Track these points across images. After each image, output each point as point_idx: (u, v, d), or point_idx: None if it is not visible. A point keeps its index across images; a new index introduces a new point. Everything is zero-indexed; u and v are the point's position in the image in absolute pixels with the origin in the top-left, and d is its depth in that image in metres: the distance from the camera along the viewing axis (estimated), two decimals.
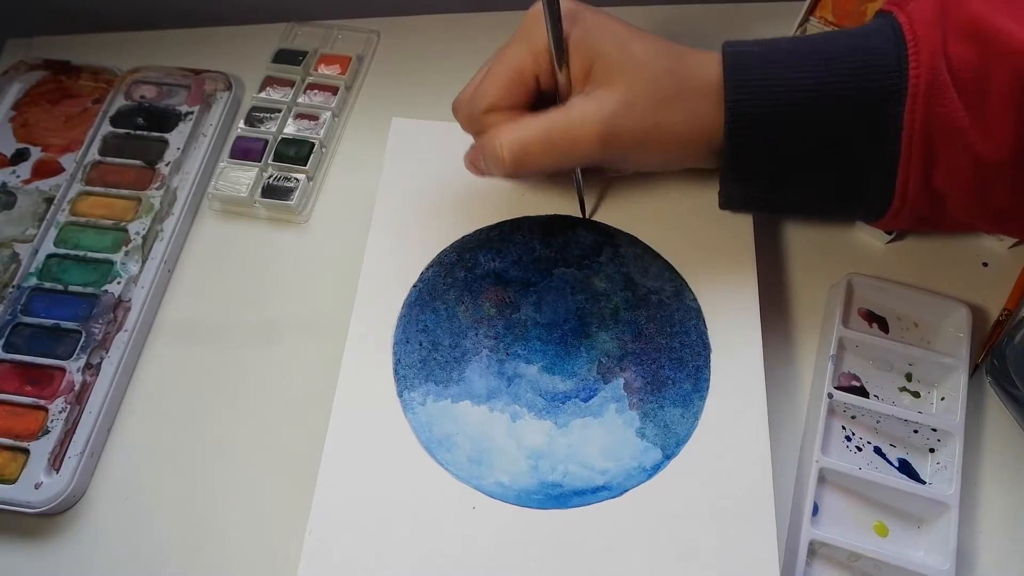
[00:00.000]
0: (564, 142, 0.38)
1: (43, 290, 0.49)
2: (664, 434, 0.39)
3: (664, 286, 0.43)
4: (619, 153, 0.39)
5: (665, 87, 0.38)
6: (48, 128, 0.56)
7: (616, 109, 0.37)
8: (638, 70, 0.38)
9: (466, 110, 0.40)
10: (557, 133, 0.38)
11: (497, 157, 0.38)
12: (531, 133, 0.38)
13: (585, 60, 0.38)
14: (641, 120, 0.38)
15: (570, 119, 0.38)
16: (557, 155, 0.38)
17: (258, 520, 0.44)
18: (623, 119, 0.37)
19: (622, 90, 0.37)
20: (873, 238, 0.49)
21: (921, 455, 0.43)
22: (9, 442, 0.44)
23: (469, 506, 0.38)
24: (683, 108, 0.38)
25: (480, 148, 0.40)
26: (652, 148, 0.39)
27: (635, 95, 0.37)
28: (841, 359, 0.45)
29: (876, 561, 0.39)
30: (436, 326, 0.42)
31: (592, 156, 0.38)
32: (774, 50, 0.38)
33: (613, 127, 0.37)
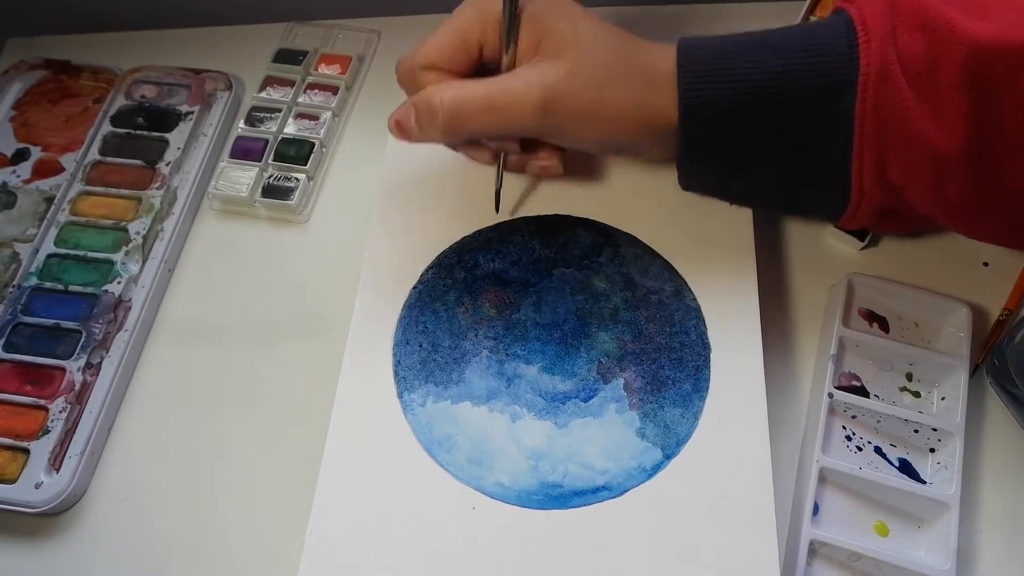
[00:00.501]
0: (504, 106, 0.37)
1: (43, 290, 0.49)
2: (664, 434, 0.39)
3: (664, 286, 0.43)
4: (558, 124, 0.38)
5: (612, 65, 0.38)
6: (48, 128, 0.56)
7: (560, 78, 0.37)
8: (587, 45, 0.38)
9: (406, 65, 0.40)
10: (498, 96, 0.37)
11: (432, 112, 0.38)
12: (471, 93, 0.38)
13: (534, 35, 0.38)
14: (584, 92, 0.37)
15: (512, 83, 0.38)
16: (495, 119, 0.38)
17: (258, 520, 0.43)
18: (566, 89, 0.37)
19: (568, 62, 0.37)
20: (847, 246, 0.49)
21: (921, 455, 0.43)
22: (9, 442, 0.44)
23: (469, 507, 0.37)
24: (630, 88, 0.38)
25: (414, 103, 0.39)
26: (592, 122, 0.39)
27: (580, 67, 0.37)
28: (841, 359, 0.45)
29: (876, 561, 0.39)
30: (436, 327, 0.42)
31: (531, 124, 0.38)
32: (727, 42, 0.38)
33: (554, 95, 0.37)
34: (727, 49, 0.38)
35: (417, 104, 0.38)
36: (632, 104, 0.38)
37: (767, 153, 0.39)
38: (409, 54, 0.40)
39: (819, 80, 0.36)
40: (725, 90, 0.37)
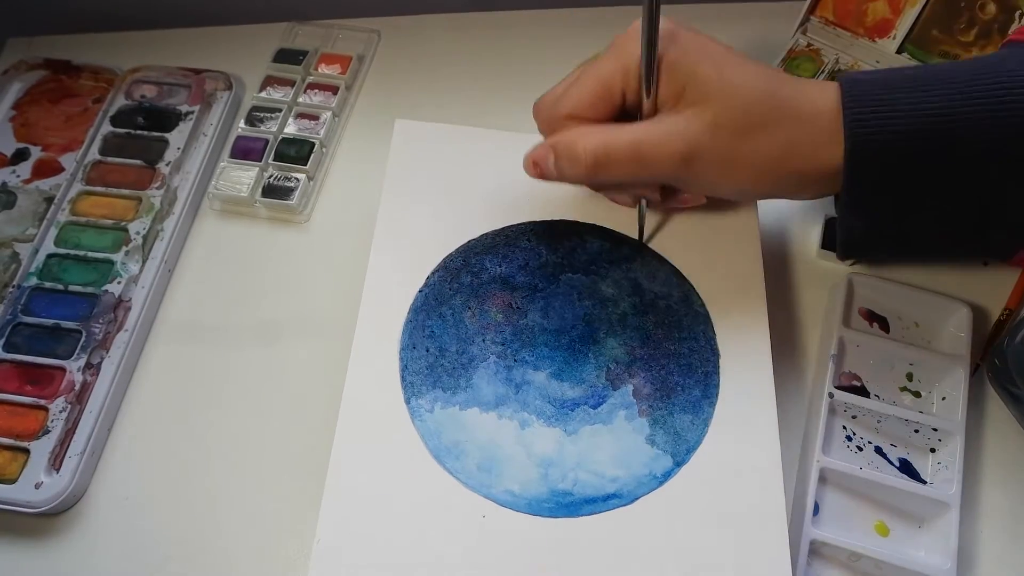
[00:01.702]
0: (646, 156, 0.36)
1: (43, 290, 0.48)
2: (674, 441, 0.38)
3: (672, 291, 0.42)
4: (700, 174, 0.37)
5: (760, 113, 0.35)
6: (48, 127, 0.54)
7: (703, 128, 0.35)
8: (732, 92, 0.35)
9: (547, 113, 0.38)
10: (642, 145, 0.36)
11: (576, 157, 0.36)
12: (614, 142, 0.36)
13: (678, 82, 0.35)
14: (727, 144, 0.35)
15: (657, 132, 0.36)
16: (637, 167, 0.36)
17: (258, 520, 0.42)
18: (709, 140, 0.35)
19: (712, 111, 0.35)
20: (837, 264, 0.48)
21: (922, 455, 0.42)
22: (9, 442, 0.43)
23: (479, 515, 0.36)
24: (779, 134, 0.35)
25: (555, 145, 0.37)
26: (735, 174, 0.37)
27: (724, 117, 0.35)
28: (842, 359, 0.44)
29: (877, 561, 0.39)
30: (443, 332, 0.40)
31: (671, 174, 0.37)
32: (894, 75, 0.36)
33: (698, 147, 0.35)
34: (894, 82, 0.35)
35: (558, 148, 0.37)
36: (780, 151, 0.36)
37: (942, 195, 0.36)
38: (550, 100, 0.38)
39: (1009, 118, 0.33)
40: (896, 123, 0.34)
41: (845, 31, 0.53)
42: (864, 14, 0.51)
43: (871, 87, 0.35)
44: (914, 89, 0.34)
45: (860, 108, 0.35)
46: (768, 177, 0.37)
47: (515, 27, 0.60)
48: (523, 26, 0.60)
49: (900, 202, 0.36)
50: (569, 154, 0.37)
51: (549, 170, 0.38)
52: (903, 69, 0.36)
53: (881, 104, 0.34)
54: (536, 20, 0.60)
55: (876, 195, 0.36)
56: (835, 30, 0.53)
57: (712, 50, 0.36)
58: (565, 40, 0.58)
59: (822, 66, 0.54)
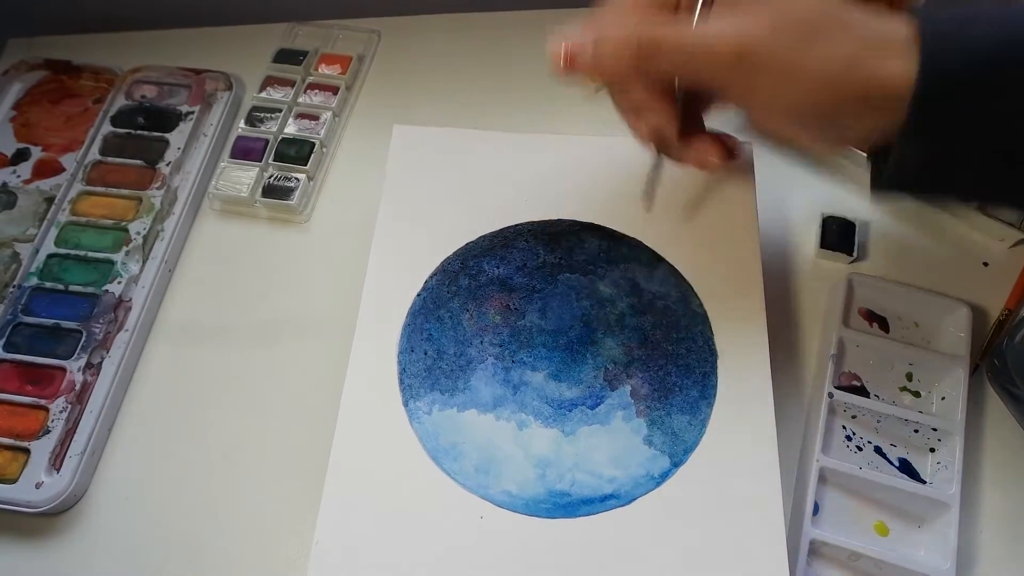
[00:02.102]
0: (697, 48, 0.32)
1: (44, 290, 0.48)
2: (672, 441, 0.38)
3: (670, 291, 0.41)
4: (752, 80, 0.33)
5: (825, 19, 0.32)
6: (49, 128, 0.54)
7: (761, 29, 0.32)
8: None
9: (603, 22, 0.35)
10: (693, 38, 0.33)
11: (621, 44, 0.33)
12: (666, 30, 0.33)
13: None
14: (787, 47, 0.32)
15: (709, 27, 0.33)
16: (685, 62, 0.33)
17: (258, 520, 0.42)
18: (766, 41, 0.32)
19: (774, 12, 0.32)
20: (836, 262, 0.48)
21: (921, 454, 0.42)
22: (10, 442, 0.43)
23: (477, 516, 0.36)
24: (843, 46, 0.32)
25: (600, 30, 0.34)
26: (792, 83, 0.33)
27: (787, 19, 0.32)
28: (842, 359, 0.44)
29: (877, 560, 0.39)
30: (441, 334, 0.40)
31: (722, 74, 0.33)
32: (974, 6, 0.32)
33: (752, 47, 0.32)
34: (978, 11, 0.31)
35: (606, 32, 0.34)
36: (844, 63, 0.32)
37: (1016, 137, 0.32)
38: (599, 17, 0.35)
39: None
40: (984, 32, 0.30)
41: None
42: None
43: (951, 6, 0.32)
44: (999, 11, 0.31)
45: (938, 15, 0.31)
46: (827, 91, 0.33)
47: (515, 27, 0.60)
48: (523, 26, 0.60)
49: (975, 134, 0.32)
50: (616, 39, 0.33)
51: (585, 59, 0.34)
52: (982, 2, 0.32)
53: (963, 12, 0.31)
54: (536, 20, 0.60)
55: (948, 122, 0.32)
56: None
57: None
58: None
59: None
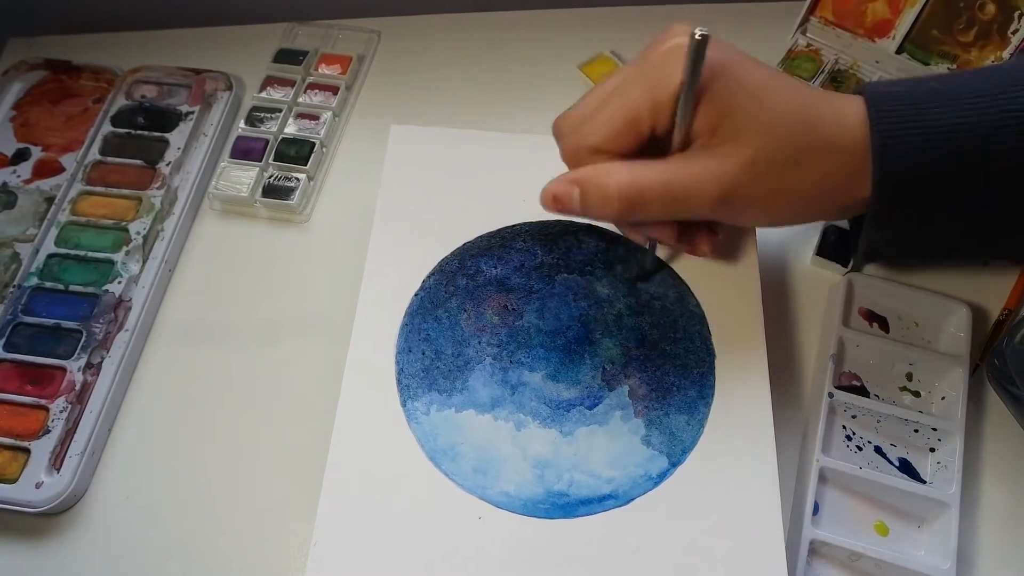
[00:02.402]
0: (681, 196, 0.34)
1: (44, 290, 0.47)
2: (670, 441, 0.37)
3: (667, 291, 0.41)
4: (735, 212, 0.35)
5: (797, 148, 0.34)
6: (49, 128, 0.54)
7: (741, 169, 0.33)
8: (770, 128, 0.33)
9: (571, 143, 0.36)
10: (676, 185, 0.34)
11: (606, 197, 0.34)
12: (646, 181, 0.34)
13: (714, 114, 0.33)
14: (766, 183, 0.34)
15: (691, 171, 0.34)
16: (670, 207, 0.34)
17: (258, 520, 0.42)
18: (748, 179, 0.33)
19: (751, 149, 0.33)
20: (831, 272, 0.48)
21: (921, 454, 0.42)
22: (10, 441, 0.42)
23: (475, 516, 0.36)
24: (817, 168, 0.34)
25: (582, 183, 0.35)
26: (773, 210, 0.36)
27: (763, 155, 0.33)
28: (842, 358, 0.44)
29: (877, 560, 0.38)
30: (439, 334, 0.40)
31: (708, 214, 0.35)
32: (921, 89, 0.34)
33: (736, 186, 0.33)
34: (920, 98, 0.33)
35: (585, 184, 0.35)
36: (819, 185, 0.34)
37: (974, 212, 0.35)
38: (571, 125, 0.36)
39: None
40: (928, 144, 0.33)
41: (845, 31, 0.53)
42: (863, 14, 0.51)
43: (897, 105, 0.34)
44: (943, 104, 0.33)
45: (887, 130, 0.33)
46: (806, 210, 0.36)
47: (515, 27, 0.60)
48: (523, 26, 0.60)
49: (928, 219, 0.35)
50: (600, 192, 0.34)
51: (573, 205, 0.35)
52: (929, 80, 0.35)
53: (908, 124, 0.33)
54: (536, 20, 0.60)
55: (905, 214, 0.35)
56: (835, 30, 0.53)
57: (752, 80, 0.34)
58: (565, 40, 0.58)
59: (822, 66, 0.53)
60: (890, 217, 0.35)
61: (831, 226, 0.48)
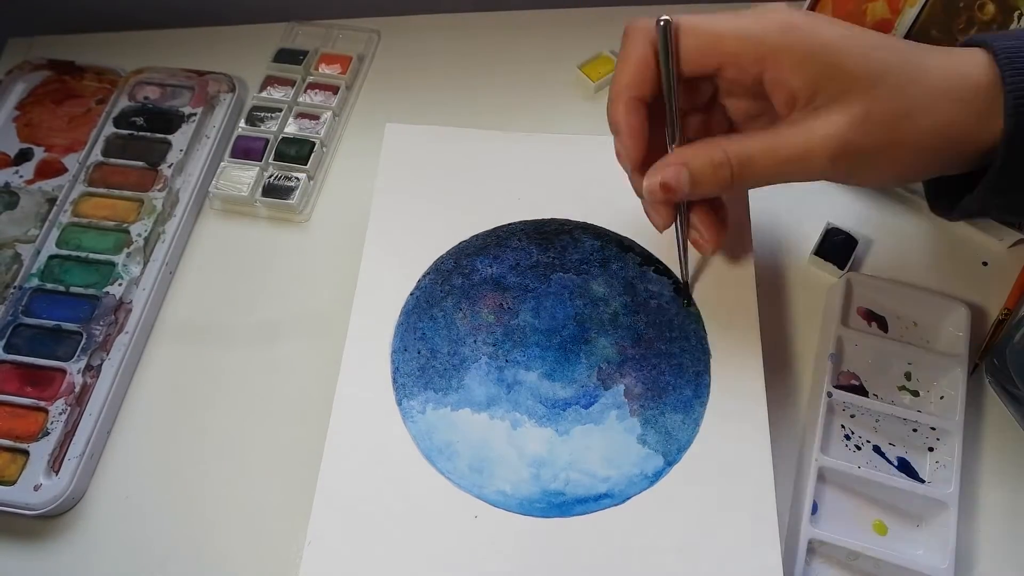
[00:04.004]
0: (792, 157, 0.32)
1: (45, 291, 0.47)
2: (666, 440, 0.37)
3: (663, 291, 0.41)
4: (851, 170, 0.33)
5: (908, 98, 0.32)
6: (52, 128, 0.53)
7: (853, 126, 0.31)
8: (877, 83, 0.31)
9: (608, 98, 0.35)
10: (786, 147, 0.32)
11: (718, 166, 0.33)
12: (755, 145, 0.33)
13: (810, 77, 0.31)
14: (883, 136, 0.32)
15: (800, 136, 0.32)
16: (784, 170, 0.33)
17: (258, 522, 0.42)
18: (860, 136, 0.31)
19: (861, 106, 0.31)
20: (828, 274, 0.47)
21: (920, 454, 0.41)
22: (9, 443, 0.42)
23: (471, 515, 0.35)
24: (937, 116, 0.32)
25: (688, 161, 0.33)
26: (892, 163, 0.33)
27: (878, 110, 0.31)
28: (840, 358, 0.43)
29: (875, 560, 0.38)
30: (434, 333, 0.40)
31: (820, 175, 0.33)
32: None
33: (848, 146, 0.32)
34: None
35: (692, 161, 0.33)
36: (940, 133, 0.32)
37: None
38: None
39: None
40: None
41: None
42: (863, 14, 0.50)
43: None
44: None
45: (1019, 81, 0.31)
46: (926, 159, 0.33)
47: (515, 27, 0.59)
48: (523, 26, 0.59)
49: None
50: (711, 164, 0.33)
51: (683, 186, 0.33)
52: None
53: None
54: (536, 20, 0.60)
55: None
56: None
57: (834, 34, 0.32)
58: (565, 40, 0.57)
59: None
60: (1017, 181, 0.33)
61: (834, 227, 0.47)
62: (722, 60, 0.32)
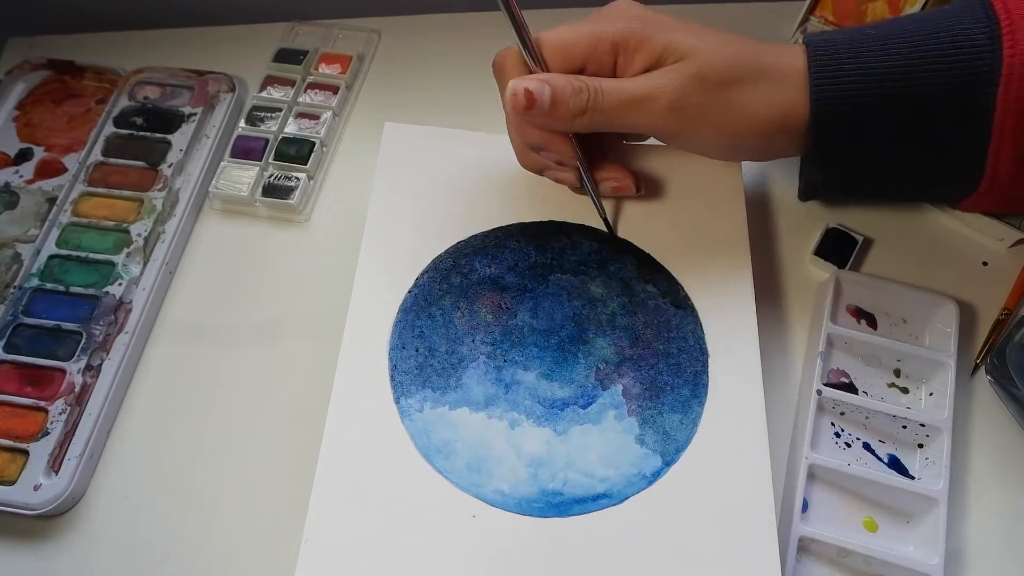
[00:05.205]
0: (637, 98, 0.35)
1: (45, 291, 0.46)
2: (664, 440, 0.36)
3: (661, 290, 0.40)
4: (682, 124, 0.36)
5: (741, 67, 0.36)
6: (52, 128, 0.52)
7: (689, 80, 0.35)
8: (713, 49, 0.35)
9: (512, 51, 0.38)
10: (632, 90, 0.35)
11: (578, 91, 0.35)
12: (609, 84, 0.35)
13: (654, 51, 0.36)
14: (712, 94, 0.35)
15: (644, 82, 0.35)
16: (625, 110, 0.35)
17: (257, 522, 0.41)
18: (694, 90, 0.35)
19: (696, 64, 0.35)
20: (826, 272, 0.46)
21: (910, 450, 0.41)
22: (9, 443, 0.41)
23: (469, 515, 0.35)
24: (760, 87, 0.36)
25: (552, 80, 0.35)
26: (723, 122, 0.36)
27: (709, 70, 0.35)
28: (830, 356, 0.42)
29: (866, 556, 0.37)
30: (432, 332, 0.39)
31: (661, 122, 0.36)
32: (858, 36, 0.36)
33: (684, 96, 0.35)
34: (858, 42, 0.35)
35: (555, 80, 0.35)
36: (763, 103, 0.36)
37: (898, 147, 0.36)
38: None
39: (959, 76, 0.34)
40: (858, 85, 0.35)
41: None
42: (864, 14, 0.49)
43: (834, 47, 0.36)
44: (873, 47, 0.35)
45: (823, 69, 0.35)
46: (749, 128, 0.37)
47: None
48: None
49: (859, 159, 0.38)
50: (574, 86, 0.35)
51: (542, 101, 0.35)
52: (869, 27, 0.37)
53: (843, 64, 0.35)
54: (536, 20, 0.57)
55: (837, 149, 0.37)
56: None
57: (680, 22, 0.37)
58: None
59: None
60: (824, 152, 0.37)
61: (833, 227, 0.46)
62: (582, 61, 0.36)
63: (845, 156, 0.37)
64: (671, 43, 0.35)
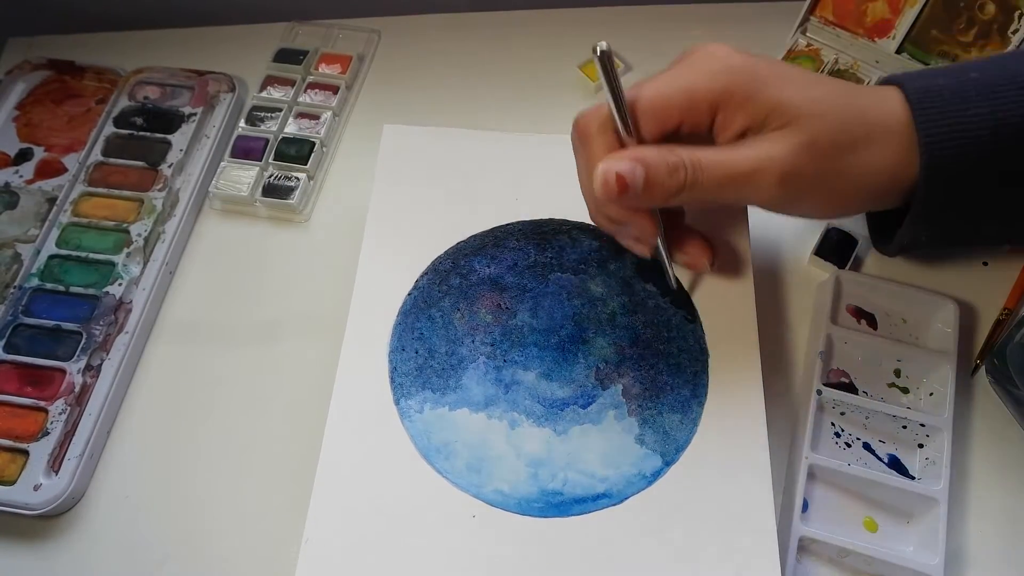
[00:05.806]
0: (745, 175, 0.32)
1: (45, 291, 0.45)
2: (663, 440, 0.36)
3: (660, 290, 0.39)
4: (796, 195, 0.33)
5: (852, 130, 0.32)
6: (52, 128, 0.52)
7: (799, 150, 0.31)
8: (823, 111, 0.32)
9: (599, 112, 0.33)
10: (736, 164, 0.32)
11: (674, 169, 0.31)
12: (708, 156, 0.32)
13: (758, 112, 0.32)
14: (824, 164, 0.32)
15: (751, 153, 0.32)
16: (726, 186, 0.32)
17: (257, 522, 0.40)
18: (806, 161, 0.31)
19: (807, 132, 0.31)
20: (826, 272, 0.46)
21: (910, 450, 0.40)
22: (9, 443, 0.41)
23: (469, 515, 0.34)
24: (871, 152, 0.32)
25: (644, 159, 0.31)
26: (829, 195, 0.33)
27: (821, 137, 0.32)
28: (830, 356, 0.42)
29: (866, 556, 0.37)
30: (432, 333, 0.38)
31: (767, 196, 0.32)
32: (962, 82, 0.32)
33: (794, 169, 0.31)
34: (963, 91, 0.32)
35: (648, 159, 0.31)
36: (874, 168, 0.33)
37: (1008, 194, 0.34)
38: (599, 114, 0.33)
39: None
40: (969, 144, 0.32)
41: (845, 31, 0.51)
42: (864, 14, 0.49)
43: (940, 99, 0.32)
44: (985, 97, 0.32)
45: (930, 125, 0.32)
46: (860, 194, 0.34)
47: (515, 27, 0.57)
48: (523, 26, 0.57)
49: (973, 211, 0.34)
50: (666, 166, 0.31)
51: (635, 186, 0.31)
52: (968, 69, 0.33)
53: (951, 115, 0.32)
54: (536, 20, 0.58)
55: (952, 208, 0.34)
56: (835, 30, 0.51)
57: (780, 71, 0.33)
58: (565, 40, 0.56)
59: (822, 66, 0.51)
60: (938, 212, 0.34)
61: (833, 227, 0.46)
62: (678, 120, 0.32)
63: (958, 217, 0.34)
64: (777, 105, 0.32)
